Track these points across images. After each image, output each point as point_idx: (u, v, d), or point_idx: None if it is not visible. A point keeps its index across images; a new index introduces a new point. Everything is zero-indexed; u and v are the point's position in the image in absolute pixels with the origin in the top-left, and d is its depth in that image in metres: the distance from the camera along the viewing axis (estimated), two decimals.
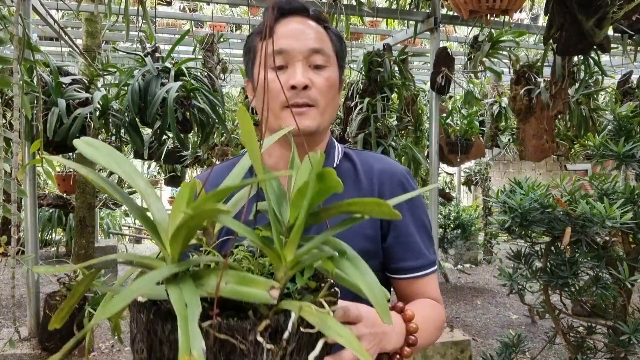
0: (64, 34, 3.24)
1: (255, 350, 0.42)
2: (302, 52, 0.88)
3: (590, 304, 1.90)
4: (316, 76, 0.89)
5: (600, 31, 2.16)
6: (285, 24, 0.90)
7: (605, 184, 1.75)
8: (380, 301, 0.45)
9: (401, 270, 0.94)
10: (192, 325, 0.37)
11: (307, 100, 0.87)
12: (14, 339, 2.32)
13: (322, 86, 0.89)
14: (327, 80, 0.90)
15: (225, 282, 0.43)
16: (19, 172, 1.98)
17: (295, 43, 0.88)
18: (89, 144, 0.46)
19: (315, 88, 0.88)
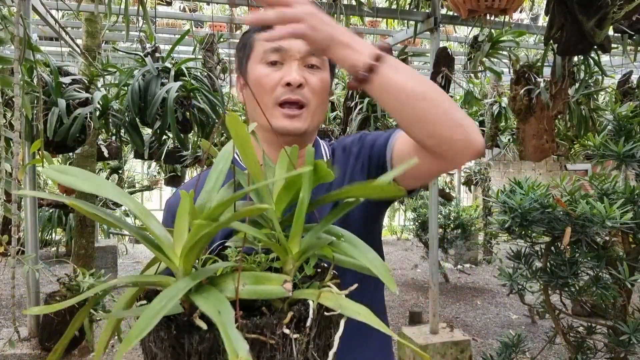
0: (64, 34, 3.24)
1: (284, 342, 0.44)
2: (299, 51, 0.89)
3: (590, 304, 1.90)
4: (311, 76, 0.90)
5: (600, 31, 2.16)
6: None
7: (605, 184, 1.75)
8: (384, 273, 0.50)
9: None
10: (232, 330, 0.38)
11: (300, 97, 0.88)
12: (13, 339, 2.32)
13: (316, 86, 0.90)
14: (321, 81, 0.91)
15: (243, 284, 0.45)
16: (19, 172, 1.98)
17: (293, 42, 0.88)
18: (62, 171, 0.46)
19: (309, 87, 0.89)
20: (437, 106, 0.74)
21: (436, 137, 0.75)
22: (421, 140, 0.78)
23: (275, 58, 0.89)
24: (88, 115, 2.71)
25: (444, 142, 0.76)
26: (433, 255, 3.20)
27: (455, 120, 0.75)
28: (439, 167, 0.83)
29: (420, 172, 0.87)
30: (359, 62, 0.73)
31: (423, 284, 5.71)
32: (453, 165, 0.82)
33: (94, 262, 3.79)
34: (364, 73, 0.73)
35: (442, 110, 0.74)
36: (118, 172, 6.20)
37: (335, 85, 4.07)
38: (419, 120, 0.75)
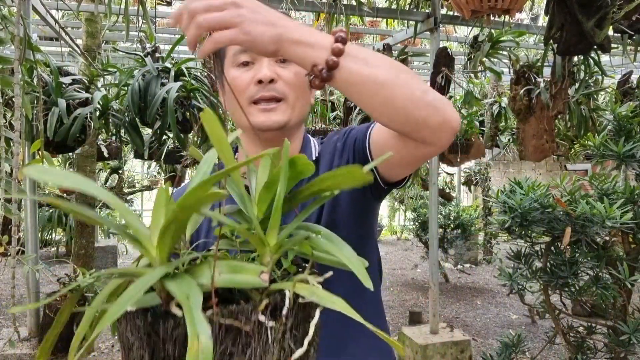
0: (64, 34, 3.24)
1: (259, 330, 0.44)
2: None
3: (590, 304, 1.90)
4: (283, 70, 0.88)
5: (600, 31, 2.16)
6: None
7: (605, 184, 1.76)
8: (359, 269, 0.50)
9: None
10: (197, 313, 0.38)
11: (274, 92, 0.87)
12: (13, 339, 2.32)
13: (290, 79, 0.88)
14: (295, 74, 0.88)
15: (219, 273, 0.45)
16: (19, 172, 1.98)
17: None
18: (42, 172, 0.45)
19: (283, 81, 0.88)
20: (406, 91, 0.71)
21: (411, 123, 0.73)
22: (397, 128, 0.76)
23: (246, 58, 0.88)
24: (88, 115, 2.71)
25: (420, 126, 0.73)
26: (433, 255, 3.20)
27: (427, 102, 0.72)
28: (422, 151, 0.81)
29: (404, 160, 0.86)
30: (319, 60, 0.67)
31: (423, 284, 5.71)
32: (435, 148, 0.79)
33: (94, 262, 3.79)
34: (326, 72, 0.68)
35: (411, 94, 0.71)
36: (118, 172, 6.20)
37: None
38: (390, 109, 0.71)
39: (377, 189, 0.94)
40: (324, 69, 0.67)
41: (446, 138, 0.76)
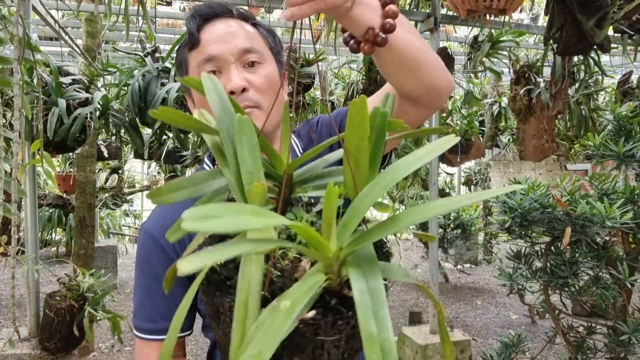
0: (64, 34, 3.24)
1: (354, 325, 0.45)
2: (232, 53, 0.84)
3: (590, 304, 1.90)
4: (253, 75, 0.85)
5: (600, 31, 2.16)
6: (209, 29, 0.87)
7: (605, 184, 1.76)
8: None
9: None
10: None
11: (248, 102, 0.84)
12: (13, 339, 2.32)
13: (261, 85, 0.85)
14: (266, 77, 0.86)
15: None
16: (19, 172, 1.98)
17: (223, 46, 0.84)
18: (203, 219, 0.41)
19: (254, 88, 0.85)
20: (432, 55, 0.76)
21: (430, 86, 0.76)
22: (415, 92, 0.78)
23: (211, 67, 0.85)
24: (88, 115, 2.71)
25: (434, 89, 0.77)
26: (433, 255, 3.20)
27: (441, 66, 0.77)
28: (421, 115, 0.84)
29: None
30: (375, 23, 0.65)
31: (423, 284, 5.71)
32: (432, 110, 0.83)
33: (94, 262, 3.79)
34: (381, 36, 0.65)
35: (435, 59, 0.76)
36: (118, 172, 6.20)
37: (335, 86, 4.07)
38: (420, 73, 0.74)
39: None
40: (381, 32, 0.65)
41: (442, 101, 0.81)
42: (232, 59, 0.84)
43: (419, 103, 0.80)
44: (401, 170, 0.48)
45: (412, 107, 0.82)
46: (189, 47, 0.88)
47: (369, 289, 0.40)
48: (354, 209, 0.46)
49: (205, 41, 0.86)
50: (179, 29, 5.00)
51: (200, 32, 0.87)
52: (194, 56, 0.87)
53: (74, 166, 4.51)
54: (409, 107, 0.82)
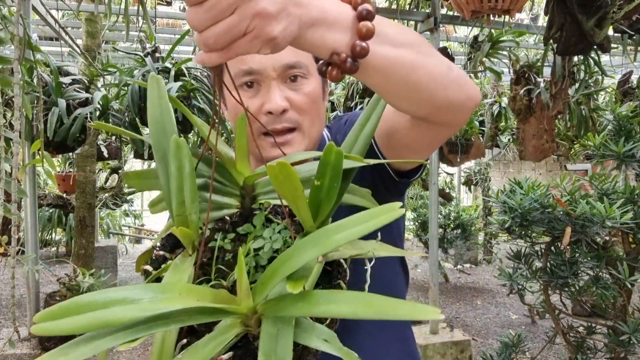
0: (64, 34, 3.24)
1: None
2: (275, 68, 0.76)
3: (590, 304, 1.90)
4: (295, 94, 0.77)
5: (600, 31, 2.16)
6: None
7: (605, 184, 1.75)
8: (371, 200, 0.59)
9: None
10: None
11: (287, 124, 0.76)
12: (13, 339, 2.32)
13: (303, 104, 0.77)
14: (308, 96, 0.78)
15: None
16: (19, 172, 1.98)
17: (265, 59, 0.75)
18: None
19: (295, 108, 0.77)
20: (434, 70, 0.60)
21: (434, 105, 0.62)
22: (417, 113, 0.65)
23: (248, 80, 0.77)
24: (88, 115, 2.71)
25: (443, 108, 0.63)
26: (433, 255, 3.20)
27: (452, 80, 0.62)
28: (443, 133, 0.72)
29: (420, 145, 0.75)
30: (342, 46, 0.51)
31: (423, 284, 5.71)
32: (452, 129, 0.71)
33: (94, 262, 3.79)
34: (351, 62, 0.51)
35: (438, 73, 0.60)
36: (118, 172, 6.20)
37: (335, 85, 4.07)
38: (415, 93, 0.60)
39: (392, 183, 0.81)
40: (349, 58, 0.51)
41: (465, 117, 0.67)
42: (273, 75, 0.76)
43: (434, 122, 0.67)
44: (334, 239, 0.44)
45: (427, 126, 0.68)
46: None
47: (275, 352, 0.41)
48: (274, 269, 0.45)
49: None
50: (179, 29, 5.00)
51: None
52: (232, 64, 0.77)
53: (74, 166, 4.51)
54: (424, 126, 0.69)
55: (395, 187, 0.83)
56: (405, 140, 0.74)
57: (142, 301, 0.39)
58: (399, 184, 0.82)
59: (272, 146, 0.77)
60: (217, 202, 0.57)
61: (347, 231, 0.44)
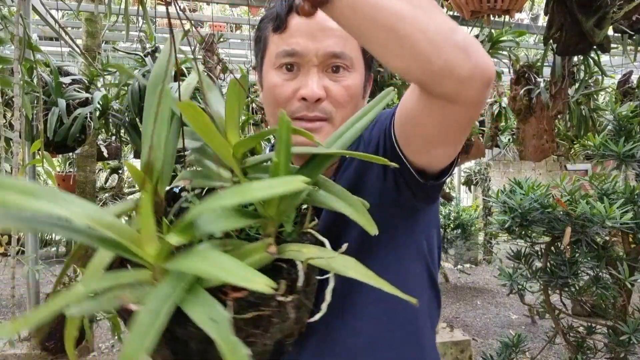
0: (64, 34, 3.24)
1: (280, 309, 0.45)
2: (318, 55, 0.73)
3: (590, 304, 1.90)
4: (333, 84, 0.74)
5: (600, 31, 2.16)
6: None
7: (605, 184, 1.75)
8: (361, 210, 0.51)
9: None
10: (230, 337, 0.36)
11: (319, 113, 0.74)
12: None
13: (340, 97, 0.74)
14: (347, 89, 0.75)
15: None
16: (19, 172, 1.98)
17: (310, 44, 0.72)
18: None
19: (331, 99, 0.74)
20: (431, 27, 0.53)
21: (433, 71, 0.55)
22: (414, 77, 0.58)
23: (289, 61, 0.74)
24: (88, 115, 2.71)
25: (443, 75, 0.55)
26: None
27: (455, 43, 0.54)
28: (450, 114, 0.61)
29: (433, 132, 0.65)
30: None
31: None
32: (464, 106, 0.60)
33: None
34: None
35: (436, 32, 0.53)
36: (118, 172, 6.20)
37: None
38: (406, 50, 0.53)
39: (417, 186, 0.72)
40: None
41: (477, 91, 0.57)
42: (315, 61, 0.73)
43: (437, 94, 0.59)
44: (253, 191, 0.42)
45: (433, 101, 0.61)
46: (274, 27, 0.76)
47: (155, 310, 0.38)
48: (192, 214, 0.42)
49: (292, 30, 0.74)
50: (179, 29, 4.99)
51: (289, 15, 0.74)
52: (276, 41, 0.75)
53: (74, 166, 4.51)
54: (429, 101, 0.61)
55: (422, 191, 0.73)
56: (417, 128, 0.67)
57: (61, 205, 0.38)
58: (425, 187, 0.72)
59: None
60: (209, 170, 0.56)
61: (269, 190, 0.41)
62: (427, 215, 0.81)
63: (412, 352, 0.79)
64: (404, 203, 0.75)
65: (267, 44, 0.78)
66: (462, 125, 0.64)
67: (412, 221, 0.78)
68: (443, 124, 0.63)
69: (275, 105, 0.76)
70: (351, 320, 0.76)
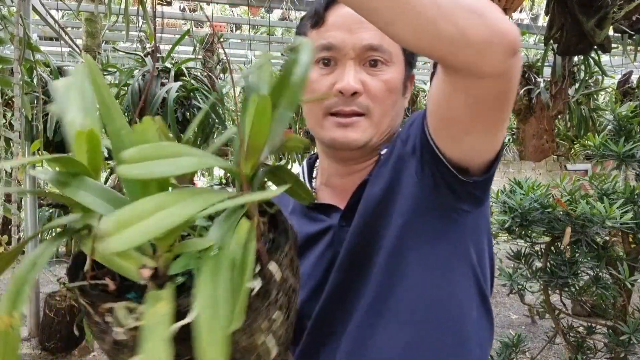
0: (64, 34, 3.24)
1: (105, 327, 0.39)
2: (355, 48, 0.71)
3: (590, 304, 1.90)
4: (371, 79, 0.72)
5: (600, 31, 2.16)
6: (339, 10, 0.73)
7: (605, 184, 1.75)
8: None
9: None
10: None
11: (356, 108, 0.71)
12: None
13: (378, 91, 0.71)
14: (385, 83, 0.72)
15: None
16: (19, 172, 1.98)
17: (347, 37, 0.71)
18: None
19: (368, 93, 0.71)
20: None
21: (444, 40, 0.50)
22: (426, 51, 0.54)
23: (327, 55, 0.72)
24: None
25: (457, 43, 0.50)
26: None
27: (466, 7, 0.50)
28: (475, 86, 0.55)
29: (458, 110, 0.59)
30: None
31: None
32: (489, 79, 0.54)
33: None
34: None
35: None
36: None
37: None
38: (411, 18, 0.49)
39: (456, 183, 0.65)
40: None
41: (498, 59, 0.52)
42: (352, 54, 0.71)
43: (456, 67, 0.54)
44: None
45: (450, 77, 0.56)
46: (312, 23, 0.76)
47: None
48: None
49: (330, 24, 0.73)
50: (179, 29, 5.00)
51: (327, 11, 0.74)
52: (314, 37, 0.74)
53: None
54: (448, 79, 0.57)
55: (464, 190, 0.66)
56: (445, 113, 0.62)
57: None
58: (468, 185, 0.65)
59: (336, 126, 0.72)
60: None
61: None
62: (475, 219, 0.72)
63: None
64: (445, 205, 0.69)
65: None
66: (491, 103, 0.58)
67: (455, 226, 0.70)
68: (469, 103, 0.58)
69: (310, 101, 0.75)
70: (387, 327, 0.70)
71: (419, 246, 0.68)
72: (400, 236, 0.68)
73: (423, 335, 0.69)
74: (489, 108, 0.58)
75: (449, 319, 0.70)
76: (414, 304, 0.69)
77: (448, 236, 0.70)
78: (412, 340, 0.69)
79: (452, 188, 0.66)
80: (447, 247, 0.70)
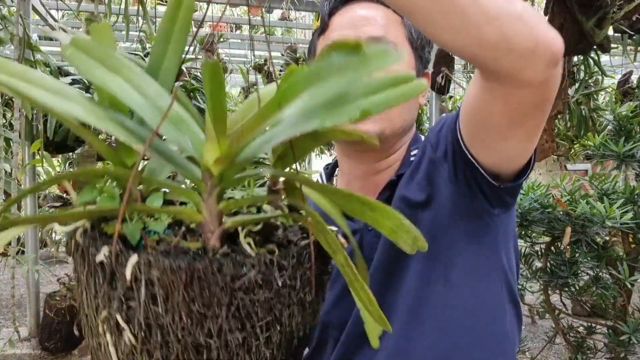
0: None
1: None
2: None
3: (590, 304, 1.90)
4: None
5: (600, 31, 2.16)
6: (344, 13, 0.76)
7: (605, 184, 1.75)
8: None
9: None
10: None
11: None
12: (13, 339, 2.32)
13: None
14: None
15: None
16: (19, 172, 1.99)
17: (350, 32, 0.73)
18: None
19: None
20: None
21: (488, 45, 0.49)
22: (468, 55, 0.53)
23: None
24: None
25: (506, 52, 0.49)
26: None
27: (512, 13, 0.48)
28: (515, 94, 0.55)
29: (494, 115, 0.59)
30: None
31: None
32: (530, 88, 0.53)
33: None
34: None
35: (492, 2, 0.48)
36: None
37: None
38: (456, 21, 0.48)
39: (489, 188, 0.67)
40: None
41: (541, 68, 0.51)
42: None
43: (496, 73, 0.53)
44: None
45: (495, 86, 0.55)
46: (319, 32, 0.78)
47: None
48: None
49: (334, 26, 0.76)
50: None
51: (332, 16, 0.76)
52: (321, 42, 0.78)
53: (74, 166, 4.51)
54: (486, 85, 0.56)
55: (496, 195, 0.67)
56: (481, 119, 0.61)
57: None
58: (499, 190, 0.67)
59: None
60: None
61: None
62: (505, 224, 0.73)
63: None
64: (478, 209, 0.69)
65: (315, 49, 0.81)
66: (530, 111, 0.57)
67: (488, 230, 0.71)
68: (508, 110, 0.57)
69: None
70: (426, 334, 0.70)
71: (454, 251, 0.69)
72: (436, 241, 0.68)
73: (462, 342, 0.69)
74: (527, 116, 0.58)
75: (486, 324, 0.70)
76: (451, 310, 0.69)
77: (481, 240, 0.71)
78: (452, 347, 0.69)
79: (485, 193, 0.67)
80: (481, 251, 0.71)
